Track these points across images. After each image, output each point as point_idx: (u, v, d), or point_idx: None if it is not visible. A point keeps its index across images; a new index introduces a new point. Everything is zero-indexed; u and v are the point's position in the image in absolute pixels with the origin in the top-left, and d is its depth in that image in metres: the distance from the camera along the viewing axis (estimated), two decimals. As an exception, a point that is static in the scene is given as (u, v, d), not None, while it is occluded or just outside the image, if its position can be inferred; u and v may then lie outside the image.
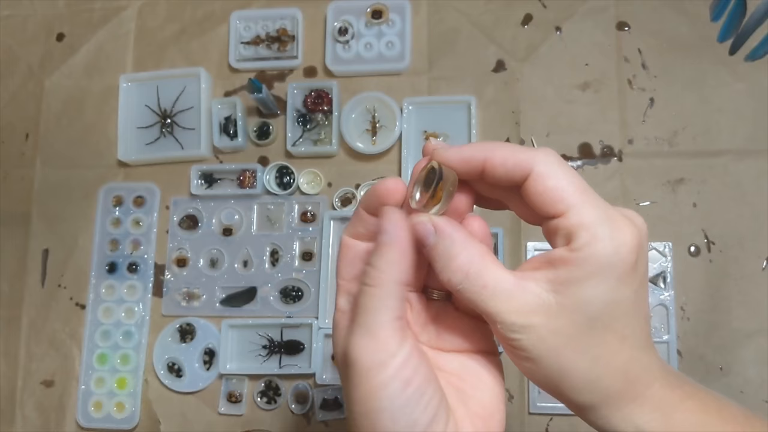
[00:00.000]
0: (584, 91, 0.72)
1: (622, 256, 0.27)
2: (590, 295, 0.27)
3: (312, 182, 0.74)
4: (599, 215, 0.28)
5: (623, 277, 0.27)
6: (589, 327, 0.28)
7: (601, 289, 0.27)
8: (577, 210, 0.28)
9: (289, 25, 0.77)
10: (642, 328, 0.29)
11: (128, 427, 0.72)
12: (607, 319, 0.28)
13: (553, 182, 0.28)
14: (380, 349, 0.27)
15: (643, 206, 0.69)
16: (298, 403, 0.70)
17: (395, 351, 0.27)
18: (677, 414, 0.29)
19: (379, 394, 0.27)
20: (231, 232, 0.74)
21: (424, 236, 0.29)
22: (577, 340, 0.28)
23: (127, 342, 0.73)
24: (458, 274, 0.29)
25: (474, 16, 0.75)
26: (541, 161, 0.29)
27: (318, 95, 0.74)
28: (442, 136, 0.73)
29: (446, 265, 0.29)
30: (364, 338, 0.28)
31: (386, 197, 0.31)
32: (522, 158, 0.29)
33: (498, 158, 0.29)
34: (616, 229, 0.28)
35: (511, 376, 0.67)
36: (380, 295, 0.28)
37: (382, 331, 0.27)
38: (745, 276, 0.67)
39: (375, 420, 0.27)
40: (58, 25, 0.82)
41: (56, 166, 0.79)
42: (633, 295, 0.28)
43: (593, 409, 0.29)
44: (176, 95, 0.77)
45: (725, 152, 0.69)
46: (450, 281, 0.29)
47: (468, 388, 0.31)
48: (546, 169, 0.28)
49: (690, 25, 0.72)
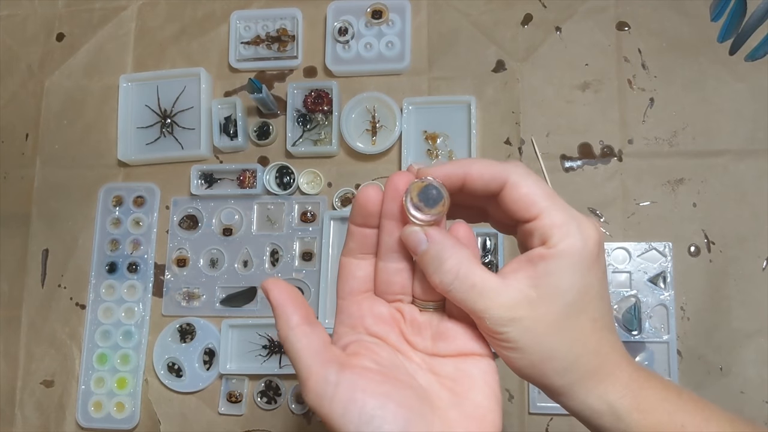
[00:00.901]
0: (584, 91, 0.72)
1: (590, 249, 0.32)
2: (566, 284, 0.31)
3: (312, 182, 0.74)
4: (567, 216, 0.32)
5: (591, 266, 0.32)
6: (566, 313, 0.32)
7: (575, 277, 0.32)
8: (548, 213, 0.32)
9: (289, 25, 0.77)
10: (607, 311, 0.33)
11: (128, 427, 0.72)
12: (580, 304, 0.32)
13: (525, 190, 0.32)
14: (318, 388, 0.31)
15: (643, 206, 0.69)
16: (298, 403, 0.70)
17: (330, 384, 0.31)
18: (644, 391, 0.33)
19: (336, 420, 0.30)
20: (231, 232, 0.74)
21: (416, 244, 0.32)
22: (557, 326, 0.32)
23: (127, 342, 0.73)
24: (449, 276, 0.32)
25: (474, 16, 0.75)
26: (513, 172, 0.32)
27: (318, 95, 0.74)
28: (442, 137, 0.73)
29: (437, 268, 0.32)
30: (305, 386, 0.31)
31: (367, 206, 0.34)
32: (497, 170, 0.32)
33: (476, 172, 0.33)
34: (582, 226, 0.32)
35: (511, 376, 0.67)
36: (292, 342, 0.32)
37: (312, 375, 0.31)
38: (745, 276, 0.67)
39: None
40: (58, 25, 0.82)
41: (56, 166, 0.79)
42: (598, 282, 0.32)
43: (571, 391, 0.33)
44: (176, 95, 0.77)
45: (725, 152, 0.69)
46: (442, 282, 0.32)
47: (462, 391, 0.32)
48: (518, 179, 0.32)
49: (690, 25, 0.72)
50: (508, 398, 0.67)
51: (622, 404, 0.32)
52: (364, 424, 0.29)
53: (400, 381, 0.32)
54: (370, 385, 0.31)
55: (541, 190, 0.32)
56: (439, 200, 0.32)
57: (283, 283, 0.33)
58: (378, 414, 0.29)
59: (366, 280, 0.35)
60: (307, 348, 0.31)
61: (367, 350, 0.33)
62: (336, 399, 0.30)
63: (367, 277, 0.35)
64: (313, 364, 0.31)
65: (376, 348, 0.33)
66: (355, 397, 0.30)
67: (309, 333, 0.32)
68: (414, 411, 0.30)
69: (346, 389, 0.30)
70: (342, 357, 0.32)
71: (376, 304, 0.35)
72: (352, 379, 0.31)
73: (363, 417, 0.29)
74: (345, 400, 0.30)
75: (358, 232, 0.35)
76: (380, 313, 0.35)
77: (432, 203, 0.32)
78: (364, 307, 0.35)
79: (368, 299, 0.35)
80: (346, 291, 0.35)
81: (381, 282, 0.35)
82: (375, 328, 0.34)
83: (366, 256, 0.35)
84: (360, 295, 0.35)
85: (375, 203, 0.34)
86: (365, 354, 0.33)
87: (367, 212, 0.34)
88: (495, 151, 0.72)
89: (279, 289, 0.32)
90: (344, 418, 0.30)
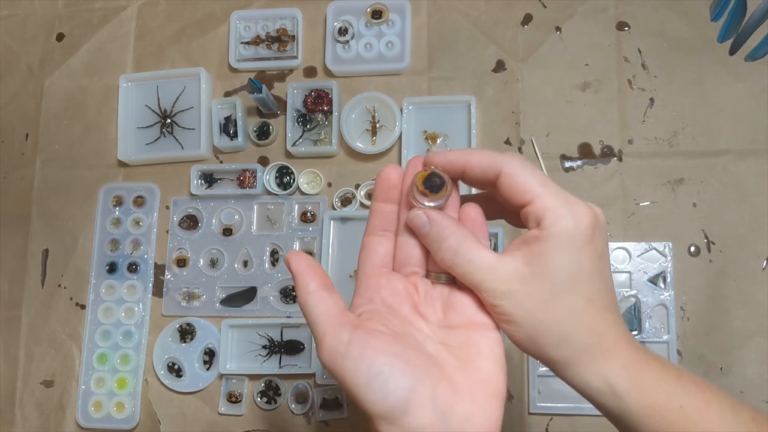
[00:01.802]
0: (584, 91, 0.72)
1: (581, 231, 0.33)
2: (557, 263, 0.33)
3: (312, 182, 0.74)
4: (560, 200, 0.34)
5: (583, 247, 0.34)
6: (557, 291, 0.34)
7: (566, 258, 0.33)
8: (541, 198, 0.34)
9: (289, 25, 0.77)
10: (605, 292, 0.35)
11: (128, 427, 0.72)
12: (572, 283, 0.34)
13: (519, 178, 0.35)
14: (332, 347, 0.33)
15: (643, 206, 0.69)
16: (298, 403, 0.70)
17: (342, 343, 0.33)
18: (643, 372, 0.34)
19: (346, 375, 0.32)
20: (231, 232, 0.74)
21: (420, 226, 0.36)
22: (548, 303, 0.34)
23: (127, 342, 0.73)
24: (449, 253, 0.35)
25: (474, 16, 0.75)
26: (507, 163, 0.35)
27: (318, 95, 0.74)
28: (442, 137, 0.73)
29: (439, 246, 0.35)
30: (320, 345, 0.34)
31: (389, 180, 0.38)
32: (493, 160, 0.36)
33: (475, 161, 0.36)
34: (574, 210, 0.34)
35: (512, 376, 0.67)
36: (311, 306, 0.35)
37: (327, 335, 0.34)
38: (745, 276, 0.67)
39: (359, 394, 0.32)
40: (58, 25, 0.82)
41: (56, 166, 0.79)
42: (592, 264, 0.34)
43: (569, 365, 0.35)
44: (176, 95, 0.77)
45: (725, 152, 0.69)
46: (443, 260, 0.35)
47: (468, 358, 0.35)
48: (512, 169, 0.35)
49: (690, 25, 0.72)
50: (508, 398, 0.67)
51: (619, 382, 0.34)
52: (373, 379, 0.31)
53: (409, 344, 0.34)
54: (380, 344, 0.33)
55: (534, 177, 0.34)
56: (441, 187, 0.36)
57: (303, 254, 0.36)
58: (386, 370, 0.32)
59: (386, 256, 0.38)
60: (324, 312, 0.34)
61: (380, 317, 0.36)
62: (348, 356, 0.32)
63: (387, 254, 0.38)
64: (328, 326, 0.33)
65: (389, 316, 0.36)
66: (366, 353, 0.32)
67: (326, 298, 0.35)
68: (421, 370, 0.33)
69: (358, 347, 0.32)
70: (356, 320, 0.35)
71: (394, 279, 0.38)
72: (364, 338, 0.33)
73: (372, 372, 0.32)
74: (356, 357, 0.32)
75: (380, 209, 0.38)
76: (396, 287, 0.37)
77: (436, 190, 0.36)
78: (382, 282, 0.37)
79: (386, 275, 0.38)
80: (367, 266, 0.38)
81: (400, 255, 0.38)
82: (390, 299, 0.37)
83: (386, 233, 0.38)
84: (379, 269, 0.38)
85: (396, 178, 0.38)
86: (378, 320, 0.35)
87: (389, 185, 0.38)
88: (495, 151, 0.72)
89: (299, 258, 0.36)
90: (355, 372, 0.32)
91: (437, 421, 0.32)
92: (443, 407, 0.32)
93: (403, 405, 0.31)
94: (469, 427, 0.32)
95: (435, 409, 0.32)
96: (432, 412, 0.32)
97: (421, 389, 0.32)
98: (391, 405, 0.31)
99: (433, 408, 0.32)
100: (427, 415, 0.32)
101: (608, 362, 0.34)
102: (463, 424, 0.32)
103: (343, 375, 0.32)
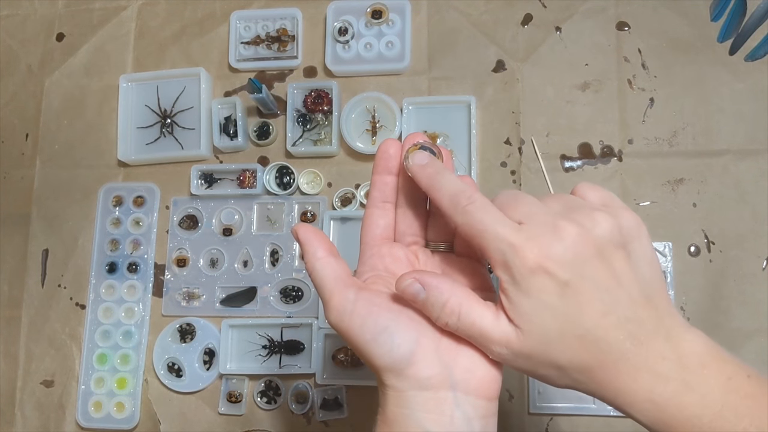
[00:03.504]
0: (584, 91, 0.72)
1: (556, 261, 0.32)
2: (542, 321, 0.32)
3: (312, 182, 0.74)
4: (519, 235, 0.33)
5: (563, 293, 0.32)
6: (551, 340, 0.32)
7: (550, 314, 0.32)
8: (492, 238, 0.33)
9: (289, 25, 0.77)
10: (612, 306, 0.32)
11: (128, 427, 0.72)
12: (565, 329, 0.32)
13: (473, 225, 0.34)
14: (339, 306, 0.35)
15: (643, 206, 0.69)
16: (298, 403, 0.70)
17: (349, 302, 0.35)
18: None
19: (351, 330, 0.34)
20: (231, 232, 0.74)
21: (415, 294, 0.34)
22: (550, 348, 0.32)
23: (127, 342, 0.73)
24: (453, 317, 0.34)
25: (474, 16, 0.75)
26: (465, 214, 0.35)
27: (318, 95, 0.74)
28: (442, 137, 0.73)
29: (440, 311, 0.34)
30: (328, 306, 0.36)
31: (388, 150, 0.39)
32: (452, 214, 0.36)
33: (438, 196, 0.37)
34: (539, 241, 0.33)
35: (511, 376, 0.67)
36: (317, 271, 0.37)
37: (334, 296, 0.36)
38: (745, 276, 0.67)
39: (366, 349, 0.34)
40: (58, 25, 0.82)
41: (56, 166, 0.79)
42: (578, 307, 0.32)
43: (596, 378, 0.33)
44: (176, 95, 0.77)
45: (725, 152, 0.69)
46: (448, 325, 0.34)
47: None
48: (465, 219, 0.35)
49: (690, 25, 0.72)
50: (508, 398, 0.67)
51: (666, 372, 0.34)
52: (379, 333, 0.34)
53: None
54: (384, 302, 0.35)
55: (489, 213, 0.34)
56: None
57: (310, 225, 0.39)
58: (392, 325, 0.34)
59: (387, 228, 0.40)
60: (331, 275, 0.36)
61: (384, 281, 0.38)
62: (355, 313, 0.34)
63: (387, 226, 0.40)
64: (336, 287, 0.36)
65: (392, 280, 0.37)
66: (372, 310, 0.34)
67: (333, 263, 0.37)
68: (424, 326, 0.35)
69: (364, 305, 0.35)
70: (361, 283, 0.37)
71: (395, 248, 0.40)
72: (369, 297, 0.35)
73: (378, 327, 0.34)
74: (363, 314, 0.34)
75: (380, 180, 0.40)
76: (397, 255, 0.39)
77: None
78: (384, 250, 0.39)
79: (388, 245, 0.40)
80: (369, 237, 0.40)
81: (400, 225, 0.40)
82: (392, 266, 0.39)
83: (386, 205, 0.40)
84: (381, 240, 0.40)
85: (395, 151, 0.39)
86: (382, 283, 0.37)
87: (389, 155, 0.39)
88: (495, 151, 0.72)
89: (306, 228, 0.38)
90: (362, 328, 0.34)
91: (441, 372, 0.34)
92: (446, 359, 0.34)
93: (408, 357, 0.33)
94: (471, 378, 0.34)
95: (439, 361, 0.34)
96: (436, 363, 0.34)
97: (425, 342, 0.34)
98: (396, 357, 0.33)
99: (437, 359, 0.34)
100: (431, 366, 0.34)
101: (647, 371, 0.33)
102: (465, 374, 0.34)
103: (351, 331, 0.34)
